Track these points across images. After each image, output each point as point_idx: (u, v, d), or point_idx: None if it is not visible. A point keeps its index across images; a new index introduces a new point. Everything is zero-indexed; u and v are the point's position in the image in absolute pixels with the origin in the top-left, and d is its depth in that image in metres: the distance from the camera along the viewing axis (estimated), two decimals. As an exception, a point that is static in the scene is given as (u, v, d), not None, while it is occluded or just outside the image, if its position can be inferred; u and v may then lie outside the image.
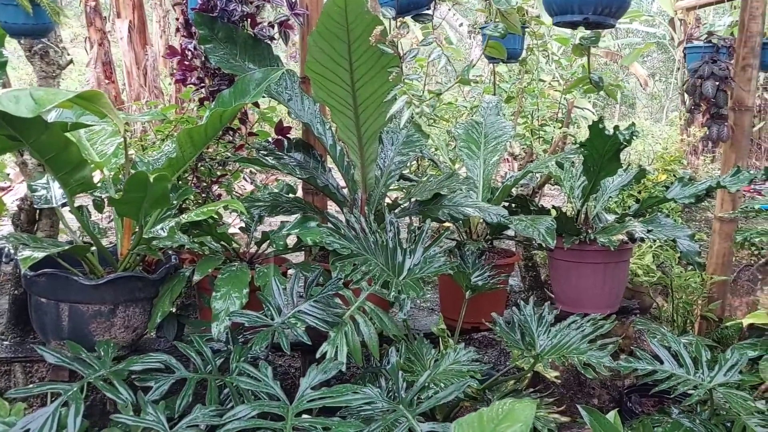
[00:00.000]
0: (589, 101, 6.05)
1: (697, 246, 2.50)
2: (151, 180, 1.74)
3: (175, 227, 1.99)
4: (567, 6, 2.15)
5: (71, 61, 2.51)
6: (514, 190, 3.06)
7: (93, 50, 6.05)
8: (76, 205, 2.16)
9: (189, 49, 2.37)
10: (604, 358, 1.91)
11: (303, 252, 2.61)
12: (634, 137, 2.38)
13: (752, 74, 2.99)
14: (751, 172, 2.66)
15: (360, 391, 1.79)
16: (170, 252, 2.31)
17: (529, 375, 2.13)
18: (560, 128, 3.91)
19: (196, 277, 2.08)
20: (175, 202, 2.23)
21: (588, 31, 2.31)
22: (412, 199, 2.57)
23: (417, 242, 2.23)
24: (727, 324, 2.78)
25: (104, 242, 2.38)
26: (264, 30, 2.37)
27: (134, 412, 1.74)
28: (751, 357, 2.17)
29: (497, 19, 2.00)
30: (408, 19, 2.59)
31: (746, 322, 2.42)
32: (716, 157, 6.52)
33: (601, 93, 2.70)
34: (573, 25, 2.24)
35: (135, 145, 2.81)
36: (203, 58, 2.36)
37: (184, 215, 2.06)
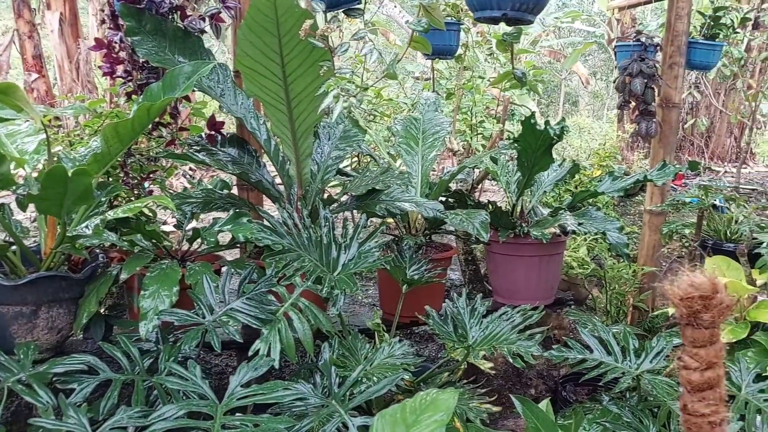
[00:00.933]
0: (534, 100, 6.16)
1: (625, 238, 2.58)
2: (70, 175, 1.68)
3: (101, 225, 1.93)
4: (486, 2, 2.19)
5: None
6: (453, 186, 3.09)
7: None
8: (-5, 203, 2.07)
9: (115, 42, 2.30)
10: (532, 347, 1.95)
11: (239, 249, 2.57)
12: (565, 133, 2.44)
13: (679, 72, 3.10)
14: (677, 166, 2.77)
15: (292, 387, 1.77)
16: (98, 251, 2.24)
17: (462, 367, 2.15)
18: (497, 124, 3.97)
19: (123, 276, 2.02)
20: (103, 199, 2.16)
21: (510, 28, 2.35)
22: (351, 194, 2.56)
23: (352, 237, 2.22)
24: (656, 313, 2.88)
25: (29, 241, 2.28)
26: (194, 22, 2.31)
27: (56, 415, 1.68)
28: (675, 344, 2.24)
29: (421, 14, 2.01)
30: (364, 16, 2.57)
31: (671, 311, 2.50)
32: (650, 152, 6.73)
33: (544, 90, 2.75)
34: (493, 21, 2.28)
35: (62, 141, 2.71)
36: (130, 51, 2.29)
37: (110, 212, 2.00)
